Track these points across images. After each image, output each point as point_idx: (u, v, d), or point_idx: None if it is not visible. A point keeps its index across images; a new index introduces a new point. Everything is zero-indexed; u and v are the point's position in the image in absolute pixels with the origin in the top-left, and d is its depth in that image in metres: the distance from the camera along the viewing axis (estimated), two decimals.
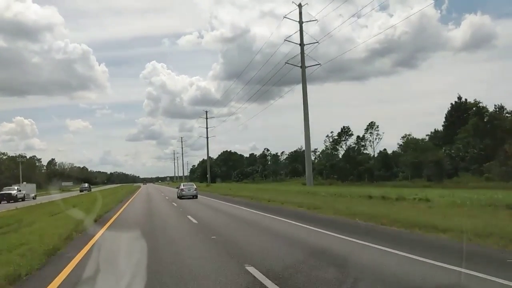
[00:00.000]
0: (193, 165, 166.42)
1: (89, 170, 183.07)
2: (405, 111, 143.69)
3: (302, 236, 10.42)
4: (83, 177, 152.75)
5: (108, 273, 6.17)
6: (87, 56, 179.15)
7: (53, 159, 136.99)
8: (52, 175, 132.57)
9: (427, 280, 5.75)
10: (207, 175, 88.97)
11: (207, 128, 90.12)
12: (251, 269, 6.41)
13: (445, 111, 68.26)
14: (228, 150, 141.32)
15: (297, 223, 12.96)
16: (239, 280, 5.86)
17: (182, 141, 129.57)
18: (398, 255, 7.41)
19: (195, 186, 33.85)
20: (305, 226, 12.25)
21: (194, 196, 31.21)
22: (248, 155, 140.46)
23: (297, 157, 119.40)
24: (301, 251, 8.22)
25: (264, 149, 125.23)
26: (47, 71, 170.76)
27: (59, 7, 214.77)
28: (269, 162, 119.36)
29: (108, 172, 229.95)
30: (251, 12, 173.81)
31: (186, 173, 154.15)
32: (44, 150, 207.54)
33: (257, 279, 5.85)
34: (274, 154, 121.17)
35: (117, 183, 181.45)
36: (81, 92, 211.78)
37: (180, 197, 31.30)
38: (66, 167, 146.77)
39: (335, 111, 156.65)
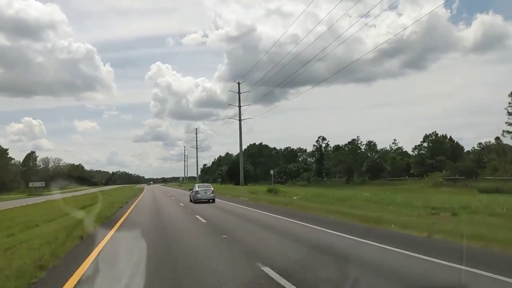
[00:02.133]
0: (204, 164, 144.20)
1: (85, 168, 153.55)
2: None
3: None
4: (76, 176, 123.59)
5: None
6: (92, 55, 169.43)
7: (32, 152, 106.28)
8: (29, 173, 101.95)
9: None
10: (241, 174, 57.67)
11: (239, 106, 59.23)
12: None
13: None
14: (259, 143, 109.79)
15: None
16: None
17: (196, 133, 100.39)
18: None
19: (212, 188, 28.59)
20: None
21: (211, 200, 26.66)
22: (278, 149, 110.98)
23: (354, 150, 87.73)
24: None
25: (319, 137, 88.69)
26: (52, 71, 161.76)
27: (62, 6, 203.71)
28: (324, 157, 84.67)
29: (110, 172, 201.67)
30: (257, 10, 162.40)
31: (195, 173, 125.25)
32: (52, 151, 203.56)
33: None
34: (315, 148, 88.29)
35: (118, 184, 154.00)
36: (87, 93, 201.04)
37: (195, 201, 26.78)
38: (52, 164, 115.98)
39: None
